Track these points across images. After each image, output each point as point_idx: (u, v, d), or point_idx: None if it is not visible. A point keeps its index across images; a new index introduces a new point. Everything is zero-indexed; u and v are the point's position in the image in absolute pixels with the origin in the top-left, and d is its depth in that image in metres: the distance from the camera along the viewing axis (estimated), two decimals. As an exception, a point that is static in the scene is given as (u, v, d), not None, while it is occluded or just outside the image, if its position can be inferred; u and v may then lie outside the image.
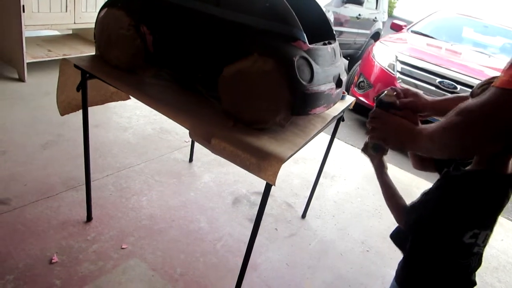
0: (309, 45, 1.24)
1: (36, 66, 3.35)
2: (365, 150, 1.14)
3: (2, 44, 3.20)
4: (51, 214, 1.87)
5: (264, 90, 1.21)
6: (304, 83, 1.19)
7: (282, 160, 1.14)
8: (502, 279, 2.21)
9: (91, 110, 1.67)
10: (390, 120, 0.97)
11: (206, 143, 1.24)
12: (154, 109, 1.34)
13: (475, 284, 1.00)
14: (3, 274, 1.51)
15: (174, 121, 1.30)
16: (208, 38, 1.33)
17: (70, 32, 4.21)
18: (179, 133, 2.92)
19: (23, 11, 2.94)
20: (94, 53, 1.66)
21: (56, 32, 4.20)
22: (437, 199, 0.94)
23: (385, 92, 1.03)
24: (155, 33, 1.44)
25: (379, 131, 0.99)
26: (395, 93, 1.04)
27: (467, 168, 0.94)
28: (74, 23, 3.46)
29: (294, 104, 1.22)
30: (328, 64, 1.34)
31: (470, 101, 0.76)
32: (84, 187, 2.00)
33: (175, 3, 1.38)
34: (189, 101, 1.41)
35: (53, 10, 3.21)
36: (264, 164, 1.15)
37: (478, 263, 0.98)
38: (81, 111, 1.67)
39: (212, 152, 1.26)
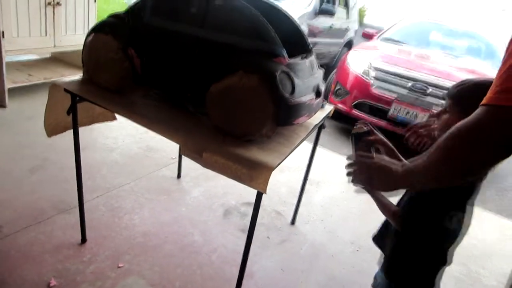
0: (289, 60, 1.33)
1: (16, 91, 3.34)
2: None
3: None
4: (44, 238, 1.88)
5: (251, 104, 1.29)
6: (286, 95, 1.28)
7: (271, 169, 1.22)
8: (486, 266, 2.34)
9: (77, 132, 1.71)
10: (371, 162, 0.92)
11: (198, 157, 1.30)
12: (148, 128, 1.39)
13: (447, 261, 1.15)
14: (2, 301, 1.52)
15: (167, 138, 1.36)
16: (194, 58, 1.41)
17: (49, 55, 4.21)
18: (166, 150, 2.96)
19: (3, 37, 2.96)
20: (77, 76, 1.70)
21: (34, 56, 4.20)
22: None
23: (357, 126, 1.11)
24: (143, 56, 1.51)
25: (363, 176, 0.94)
26: (365, 126, 1.13)
27: None
28: (54, 46, 3.49)
29: (279, 116, 1.31)
30: (307, 76, 1.44)
31: (460, 125, 0.74)
32: (75, 209, 2.03)
33: (161, 27, 1.46)
34: (179, 119, 1.48)
35: (33, 35, 3.24)
36: (255, 173, 1.22)
37: (454, 240, 1.14)
38: (67, 133, 1.73)
39: (204, 166, 1.32)
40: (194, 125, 1.44)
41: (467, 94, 1.03)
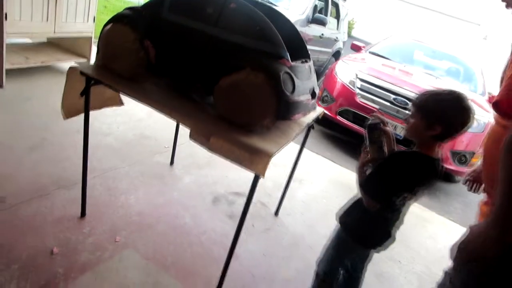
0: (291, 63, 1.52)
1: (13, 73, 3.39)
2: (363, 149, 1.48)
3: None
4: (46, 211, 1.99)
5: (255, 98, 1.47)
6: (287, 93, 1.47)
7: (271, 155, 1.40)
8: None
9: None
10: (470, 249, 1.00)
11: (206, 141, 1.47)
12: (161, 112, 1.55)
13: (392, 237, 1.45)
14: (9, 263, 1.64)
15: (179, 122, 1.53)
16: (206, 53, 1.57)
17: (45, 40, 4.26)
18: (159, 139, 3.09)
19: (6, 19, 3.02)
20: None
21: (29, 40, 4.23)
22: (381, 165, 1.35)
23: (372, 117, 1.39)
24: (158, 48, 1.66)
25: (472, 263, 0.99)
26: (378, 118, 1.42)
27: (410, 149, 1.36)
28: (54, 32, 3.56)
29: (279, 111, 1.49)
30: (305, 79, 1.63)
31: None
32: (74, 186, 2.17)
33: (177, 23, 1.62)
34: (187, 106, 1.64)
35: (35, 19, 3.30)
36: (256, 158, 1.40)
37: (398, 218, 1.43)
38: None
39: (210, 149, 1.48)
40: (201, 113, 1.61)
41: (426, 102, 1.29)
